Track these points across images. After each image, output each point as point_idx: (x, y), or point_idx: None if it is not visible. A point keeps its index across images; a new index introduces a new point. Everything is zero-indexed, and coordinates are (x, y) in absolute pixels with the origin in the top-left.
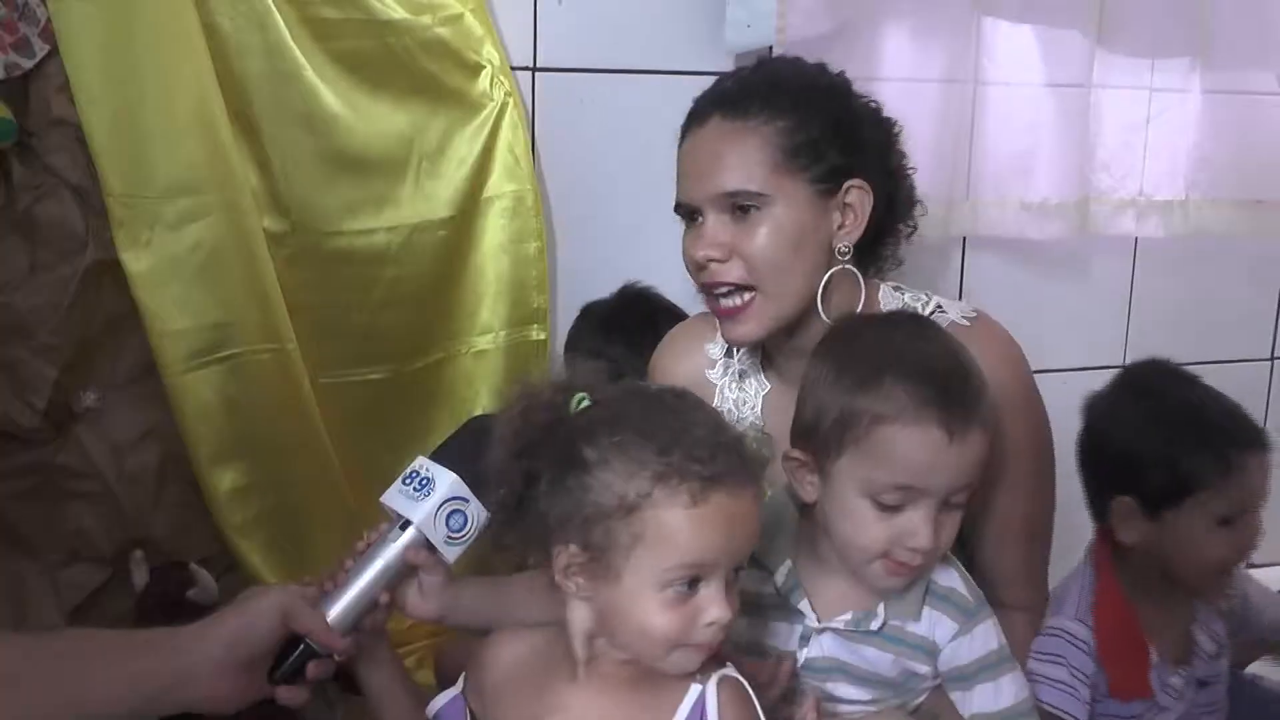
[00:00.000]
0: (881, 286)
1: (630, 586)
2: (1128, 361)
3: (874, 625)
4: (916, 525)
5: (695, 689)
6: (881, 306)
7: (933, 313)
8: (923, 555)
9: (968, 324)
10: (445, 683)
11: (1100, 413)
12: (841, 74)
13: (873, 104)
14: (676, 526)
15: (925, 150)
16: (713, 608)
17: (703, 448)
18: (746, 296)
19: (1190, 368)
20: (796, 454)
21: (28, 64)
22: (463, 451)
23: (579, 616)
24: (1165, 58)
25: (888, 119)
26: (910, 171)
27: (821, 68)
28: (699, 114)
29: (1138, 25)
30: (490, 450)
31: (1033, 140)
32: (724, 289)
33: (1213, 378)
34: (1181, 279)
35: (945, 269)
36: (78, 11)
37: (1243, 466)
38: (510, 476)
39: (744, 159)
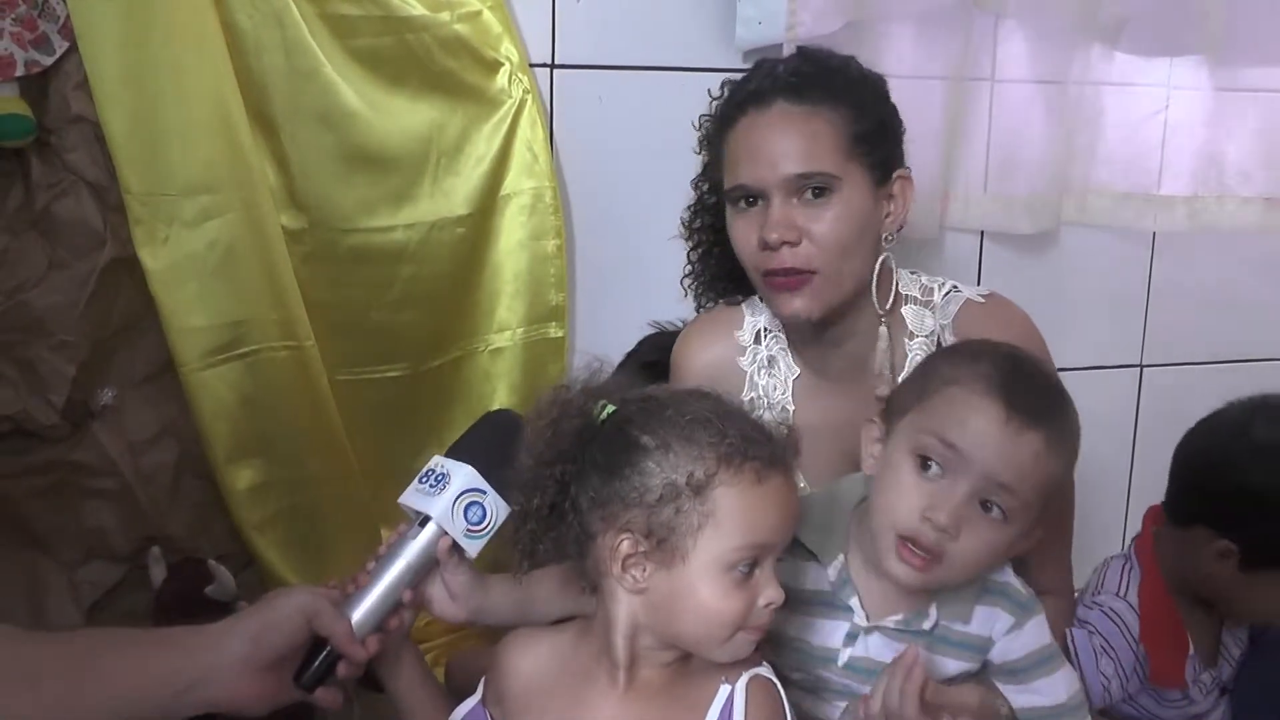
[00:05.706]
0: (899, 272)
1: (696, 568)
2: (1145, 360)
3: (926, 625)
4: (947, 498)
5: (725, 689)
6: (901, 291)
7: (948, 293)
8: (934, 536)
9: (982, 301)
10: (455, 691)
11: (1237, 438)
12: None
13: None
14: (746, 505)
15: (931, 146)
16: (769, 589)
17: (755, 429)
18: (807, 275)
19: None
20: (875, 420)
21: (47, 61)
22: (477, 445)
23: (624, 613)
24: (1175, 55)
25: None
26: None
27: (858, 62)
28: (758, 97)
29: (1144, 23)
30: (518, 460)
31: (1038, 136)
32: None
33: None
34: (1201, 278)
35: (961, 265)
36: (97, 8)
37: None
38: (543, 485)
39: (816, 142)
